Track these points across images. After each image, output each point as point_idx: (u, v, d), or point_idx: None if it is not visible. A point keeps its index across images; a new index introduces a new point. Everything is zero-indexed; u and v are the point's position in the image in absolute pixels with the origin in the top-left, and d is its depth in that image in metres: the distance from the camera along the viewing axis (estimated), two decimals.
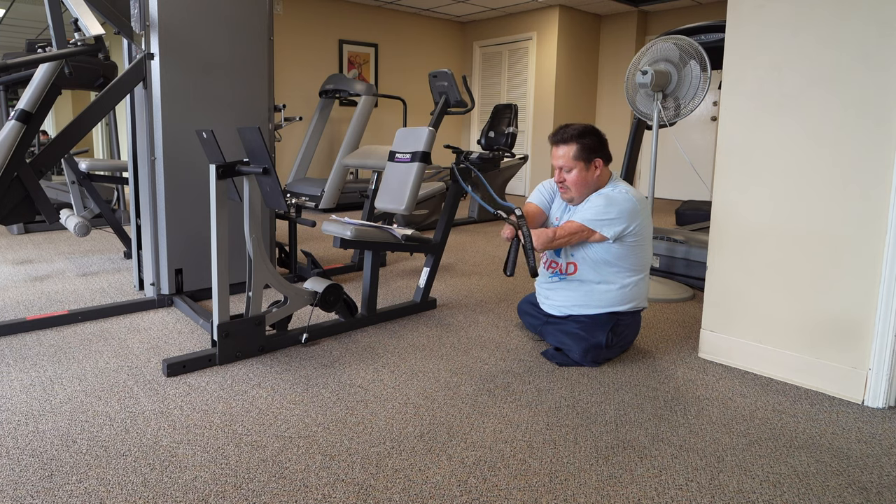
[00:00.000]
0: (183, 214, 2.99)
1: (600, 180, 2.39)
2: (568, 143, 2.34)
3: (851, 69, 2.00)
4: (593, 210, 2.30)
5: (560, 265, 2.49)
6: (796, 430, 1.86)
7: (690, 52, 3.08)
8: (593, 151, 2.34)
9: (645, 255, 2.39)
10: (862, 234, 2.01)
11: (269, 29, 3.18)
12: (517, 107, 6.25)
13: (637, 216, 2.29)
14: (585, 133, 2.35)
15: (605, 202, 2.29)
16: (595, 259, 2.36)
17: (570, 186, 2.38)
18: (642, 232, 2.32)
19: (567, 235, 2.30)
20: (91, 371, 2.23)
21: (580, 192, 2.38)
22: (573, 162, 2.34)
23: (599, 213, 2.28)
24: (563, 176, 2.38)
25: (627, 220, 2.27)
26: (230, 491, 1.51)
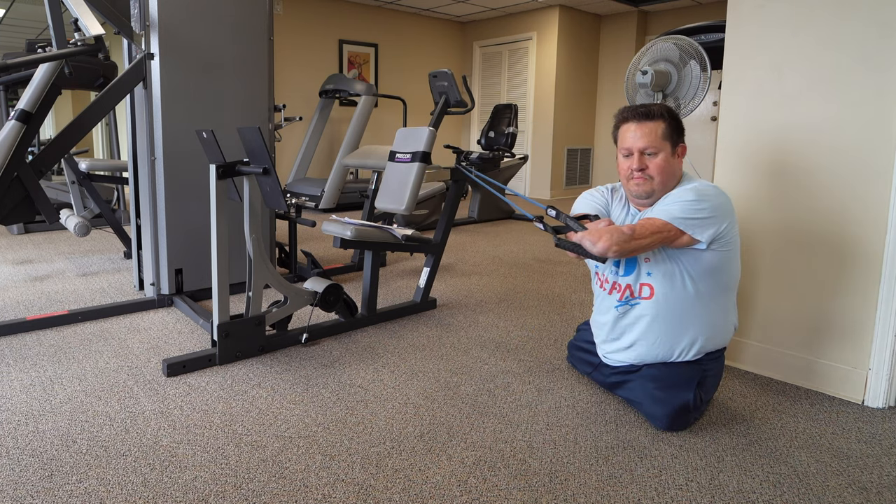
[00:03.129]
0: (183, 214, 2.99)
1: (680, 175, 1.91)
2: (656, 119, 1.84)
3: (851, 69, 2.00)
4: (680, 205, 1.76)
5: (630, 288, 1.92)
6: (796, 430, 1.86)
7: (690, 52, 3.08)
8: (681, 134, 1.88)
9: (736, 268, 1.89)
10: (862, 233, 2.01)
11: (269, 29, 3.18)
12: (517, 107, 6.25)
13: (731, 214, 1.81)
14: (672, 112, 1.87)
15: (696, 196, 1.76)
16: (681, 276, 1.84)
17: (653, 175, 1.84)
18: (734, 235, 1.84)
19: (650, 235, 1.73)
20: (91, 371, 2.23)
21: (664, 182, 1.85)
22: (661, 143, 1.82)
23: (689, 209, 1.75)
24: (644, 161, 1.84)
25: (722, 218, 1.78)
26: (230, 491, 1.51)
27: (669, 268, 1.84)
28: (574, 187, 8.32)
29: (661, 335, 1.89)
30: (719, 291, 1.87)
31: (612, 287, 1.98)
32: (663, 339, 1.89)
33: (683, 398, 1.81)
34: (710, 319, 1.88)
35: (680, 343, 1.89)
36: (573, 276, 3.82)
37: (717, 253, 1.81)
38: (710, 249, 1.80)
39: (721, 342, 1.93)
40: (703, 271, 1.83)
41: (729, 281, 1.88)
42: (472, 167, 3.95)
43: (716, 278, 1.85)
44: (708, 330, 1.88)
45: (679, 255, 1.83)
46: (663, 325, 1.88)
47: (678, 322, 1.87)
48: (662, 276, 1.86)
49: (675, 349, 1.90)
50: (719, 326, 1.90)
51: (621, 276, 1.94)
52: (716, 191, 1.81)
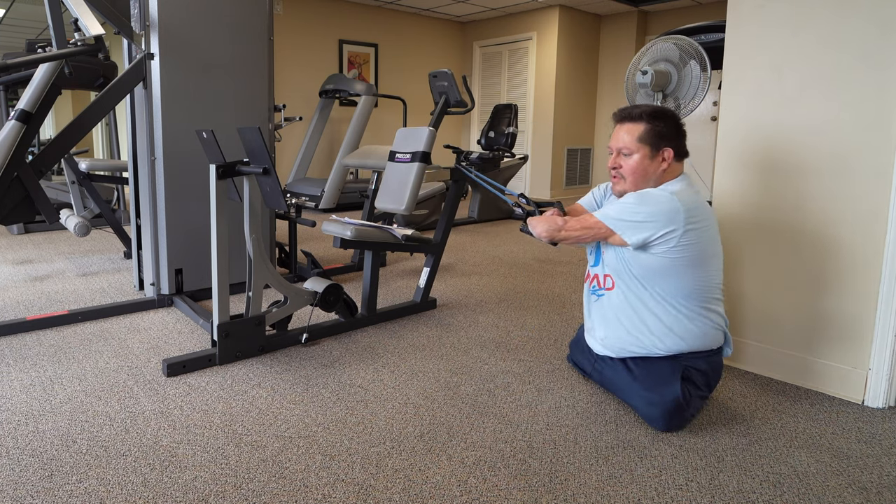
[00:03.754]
0: (183, 214, 2.99)
1: (665, 176, 1.90)
2: (635, 121, 1.89)
3: (851, 69, 2.00)
4: (619, 206, 1.86)
5: (597, 277, 2.03)
6: (796, 430, 1.86)
7: (690, 52, 3.08)
8: (664, 139, 1.88)
9: (697, 277, 1.85)
10: (862, 233, 2.01)
11: (269, 29, 3.18)
12: (517, 107, 6.25)
13: (674, 223, 1.78)
14: (660, 115, 1.89)
15: (638, 199, 1.83)
16: (627, 273, 1.91)
17: (625, 175, 1.90)
18: (687, 246, 1.80)
19: (579, 229, 1.89)
20: (91, 371, 2.23)
21: (636, 183, 1.90)
22: (636, 144, 1.87)
23: (625, 211, 1.83)
24: (619, 161, 1.91)
25: (659, 225, 1.78)
26: (230, 491, 1.51)
27: (616, 264, 1.94)
28: (574, 187, 8.31)
29: (624, 328, 1.94)
30: (681, 296, 1.86)
31: (587, 276, 2.11)
32: (627, 332, 1.94)
33: (672, 393, 1.82)
34: (674, 321, 1.87)
35: (647, 338, 1.90)
36: (573, 276, 3.82)
37: (661, 258, 1.82)
38: (650, 253, 1.82)
39: (698, 346, 1.89)
40: (646, 273, 1.86)
41: (690, 287, 1.85)
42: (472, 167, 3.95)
43: (668, 282, 1.84)
44: (672, 331, 1.87)
45: (623, 253, 1.90)
46: (623, 317, 1.94)
47: (636, 317, 1.92)
48: (614, 270, 1.95)
49: (644, 344, 1.91)
50: (691, 330, 1.87)
51: (592, 265, 2.08)
52: (665, 196, 1.80)
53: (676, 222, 1.78)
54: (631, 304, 1.92)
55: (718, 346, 1.94)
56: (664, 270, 1.83)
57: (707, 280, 1.87)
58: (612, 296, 1.97)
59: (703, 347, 1.90)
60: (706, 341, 1.89)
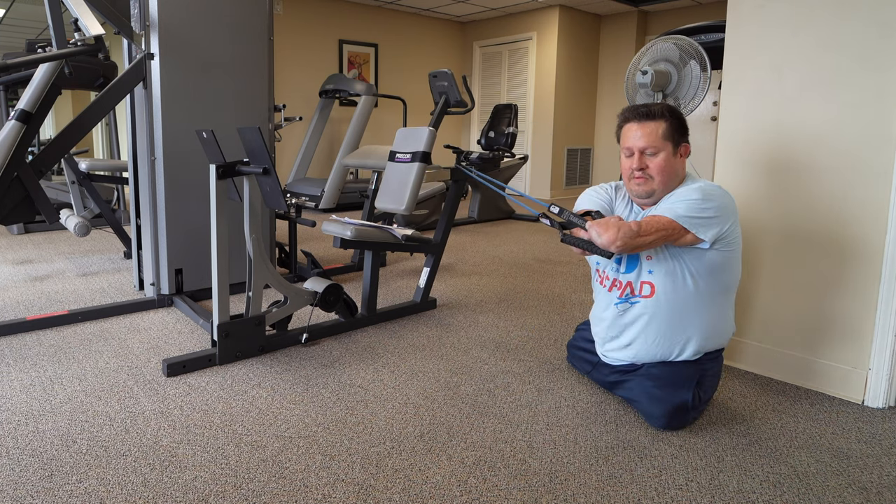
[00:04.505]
0: (183, 214, 2.99)
1: (682, 175, 1.90)
2: (657, 119, 1.84)
3: (851, 69, 2.00)
4: (685, 204, 1.76)
5: (630, 285, 1.92)
6: (796, 430, 1.86)
7: (690, 52, 3.08)
8: (683, 134, 1.87)
9: (737, 269, 1.90)
10: (862, 233, 2.01)
11: (269, 29, 3.18)
12: (517, 107, 6.25)
13: (734, 214, 1.82)
14: (675, 111, 1.86)
15: (701, 195, 1.76)
16: (682, 274, 1.83)
17: (653, 175, 1.84)
18: (737, 236, 1.84)
19: (655, 232, 1.73)
20: (91, 371, 2.23)
21: (665, 182, 1.84)
22: (662, 142, 1.82)
23: (694, 208, 1.75)
24: (644, 161, 1.84)
25: (726, 217, 1.78)
26: (230, 491, 1.51)
27: (671, 266, 1.84)
28: (574, 187, 8.31)
29: (659, 334, 1.89)
30: (719, 291, 1.88)
31: (613, 284, 1.97)
32: (662, 339, 1.89)
33: (682, 397, 1.81)
34: (708, 320, 1.88)
35: (678, 342, 1.89)
36: (573, 276, 3.82)
37: (720, 252, 1.81)
38: (713, 249, 1.80)
39: (720, 343, 1.94)
40: (704, 270, 1.83)
41: (729, 281, 1.89)
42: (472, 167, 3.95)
43: (717, 278, 1.85)
44: (707, 330, 1.88)
45: (682, 253, 1.83)
46: (662, 324, 1.88)
47: (677, 321, 1.87)
48: (664, 274, 1.85)
49: (673, 349, 1.90)
50: (718, 327, 1.90)
51: (623, 273, 1.94)
52: (720, 191, 1.81)
53: (735, 213, 1.83)
54: (674, 308, 1.86)
55: (725, 344, 1.98)
56: (723, 265, 1.84)
57: (739, 272, 1.93)
58: (649, 303, 1.88)
59: (723, 344, 1.95)
60: (726, 337, 1.96)
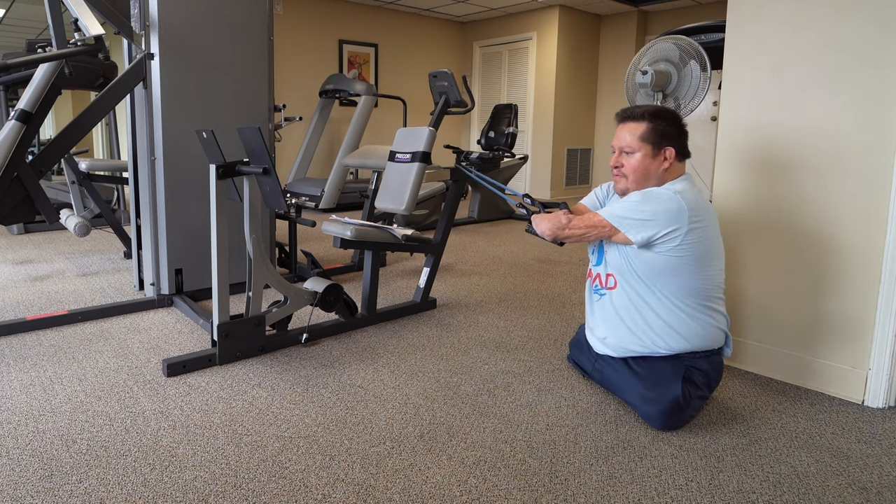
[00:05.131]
0: (183, 214, 2.99)
1: (667, 176, 1.92)
2: (638, 120, 1.92)
3: (851, 69, 2.00)
4: (624, 204, 1.87)
5: (599, 277, 2.04)
6: (796, 430, 1.86)
7: (690, 52, 3.08)
8: (666, 138, 1.90)
9: (699, 276, 1.86)
10: (862, 233, 2.01)
11: (269, 29, 3.18)
12: (517, 107, 6.25)
13: (678, 221, 1.79)
14: (662, 115, 1.91)
15: (642, 198, 1.84)
16: (630, 272, 1.92)
17: (626, 174, 1.93)
18: (691, 244, 1.81)
19: (584, 228, 1.90)
20: (91, 371, 2.23)
21: (638, 182, 1.92)
22: (638, 143, 1.90)
23: (629, 209, 1.84)
24: (621, 160, 1.94)
25: (664, 223, 1.79)
26: (230, 491, 1.51)
27: (619, 262, 1.94)
28: (574, 187, 8.31)
29: (627, 327, 1.94)
30: (684, 295, 1.87)
31: (589, 274, 2.11)
32: (630, 332, 1.94)
33: (672, 393, 1.82)
34: (674, 321, 1.88)
35: (648, 338, 1.91)
36: (573, 276, 3.82)
37: (665, 256, 1.83)
38: (655, 252, 1.83)
39: (699, 345, 1.90)
40: (650, 272, 1.86)
41: (692, 286, 1.86)
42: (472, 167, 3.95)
43: (671, 281, 1.85)
44: (674, 330, 1.88)
45: (626, 251, 1.91)
46: (626, 315, 1.94)
47: (638, 316, 1.92)
48: (617, 269, 1.95)
49: (646, 344, 1.92)
50: (694, 329, 1.88)
51: (593, 264, 2.08)
52: (668, 195, 1.82)
53: (680, 221, 1.80)
54: (633, 303, 1.92)
55: (719, 345, 1.95)
56: (668, 269, 1.84)
57: (709, 279, 1.88)
58: (614, 295, 1.97)
59: (704, 347, 1.91)
60: (708, 341, 1.90)
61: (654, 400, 1.84)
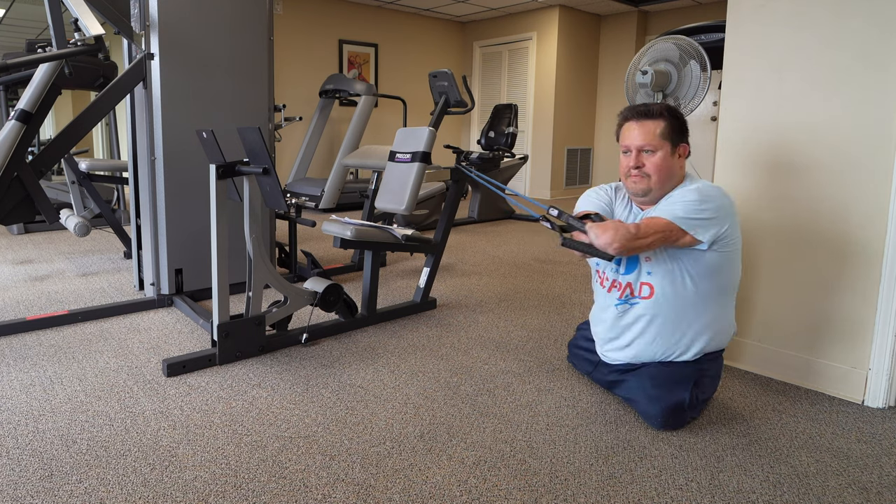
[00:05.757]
0: (183, 214, 2.99)
1: (680, 175, 1.90)
2: (655, 118, 1.85)
3: (852, 69, 2.00)
4: (683, 205, 1.77)
5: (630, 286, 1.92)
6: (796, 430, 1.86)
7: (690, 52, 3.08)
8: (682, 134, 1.88)
9: (736, 270, 1.90)
10: (862, 234, 2.01)
11: (269, 29, 3.18)
12: (517, 107, 6.25)
13: (733, 215, 1.82)
14: (675, 112, 1.87)
15: (699, 196, 1.77)
16: (681, 275, 1.83)
17: (650, 173, 1.84)
18: (736, 237, 1.84)
19: (653, 234, 1.74)
20: (91, 371, 2.23)
21: (662, 182, 1.85)
22: (659, 141, 1.83)
23: (692, 210, 1.75)
24: (641, 159, 1.85)
25: (724, 219, 1.78)
26: (230, 491, 1.51)
27: (670, 267, 1.85)
28: (574, 187, 8.31)
29: (658, 335, 1.89)
30: (719, 292, 1.88)
31: (612, 285, 1.97)
32: (661, 340, 1.90)
33: (679, 397, 1.82)
34: (708, 321, 1.88)
35: (678, 343, 1.89)
36: (573, 276, 3.82)
37: (719, 254, 1.81)
38: (712, 250, 1.80)
39: (719, 343, 1.93)
40: (703, 271, 1.83)
41: (729, 283, 1.89)
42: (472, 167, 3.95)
43: (716, 279, 1.85)
44: (706, 331, 1.88)
45: (680, 254, 1.83)
46: (661, 325, 1.88)
47: (676, 322, 1.88)
48: (663, 275, 1.86)
49: (673, 349, 1.90)
50: (718, 328, 1.90)
51: (622, 274, 1.94)
52: (718, 192, 1.82)
53: (734, 215, 1.83)
54: (674, 309, 1.86)
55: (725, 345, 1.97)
56: (722, 266, 1.84)
57: (739, 273, 1.93)
58: (649, 304, 1.89)
59: (722, 345, 1.95)
60: (726, 338, 1.95)
61: (658, 398, 1.83)
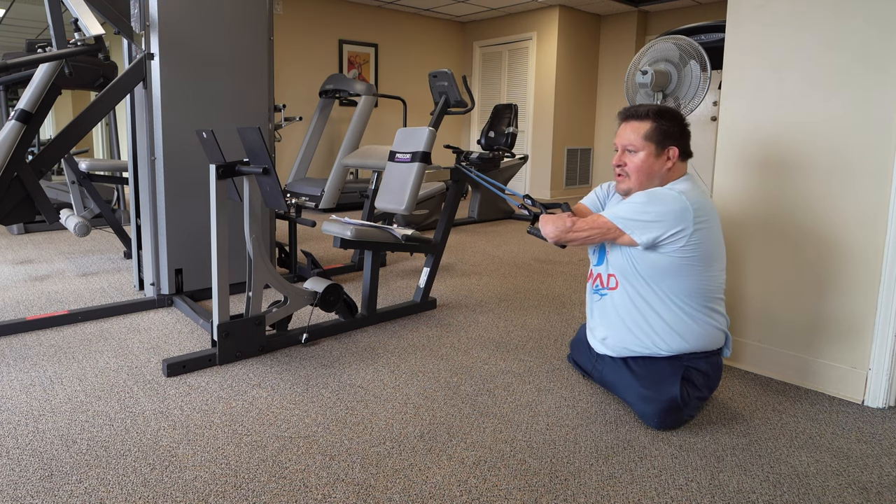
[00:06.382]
0: (183, 214, 2.99)
1: (670, 176, 1.91)
2: (642, 119, 1.89)
3: (851, 69, 2.00)
4: (627, 206, 1.85)
5: (601, 277, 2.03)
6: (796, 430, 1.86)
7: (690, 52, 3.08)
8: (669, 137, 1.89)
9: (703, 277, 1.85)
10: (862, 234, 2.01)
11: (269, 29, 3.18)
12: (517, 107, 6.25)
13: (683, 222, 1.78)
14: (666, 114, 1.90)
15: (646, 199, 1.82)
16: (633, 272, 1.90)
17: (629, 172, 1.91)
18: (696, 245, 1.81)
19: (588, 230, 1.87)
20: (91, 371, 2.23)
21: (640, 182, 1.90)
22: (642, 142, 1.88)
23: (634, 211, 1.82)
24: (624, 158, 1.91)
25: (669, 224, 1.78)
26: (230, 491, 1.51)
27: (622, 262, 1.92)
28: (574, 187, 8.31)
29: (627, 327, 1.94)
30: (684, 295, 1.86)
31: (591, 275, 2.10)
32: (629, 332, 1.93)
33: (670, 393, 1.82)
34: (674, 321, 1.87)
35: (647, 338, 1.90)
36: (573, 276, 3.82)
37: (667, 257, 1.82)
38: (659, 252, 1.82)
39: (700, 346, 1.90)
40: (653, 272, 1.85)
41: (695, 287, 1.86)
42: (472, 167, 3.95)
43: (674, 282, 1.85)
44: (675, 331, 1.87)
45: (630, 251, 1.89)
46: (627, 316, 1.94)
47: (639, 316, 1.91)
48: (619, 270, 1.94)
49: (645, 344, 1.91)
50: (694, 330, 1.88)
51: (594, 265, 2.07)
52: (672, 196, 1.81)
53: (685, 221, 1.79)
54: (635, 304, 1.91)
55: (719, 346, 1.94)
56: (672, 270, 1.84)
57: (711, 280, 1.88)
58: (615, 295, 1.96)
59: (704, 347, 1.90)
60: (708, 341, 1.90)
61: (651, 399, 1.84)
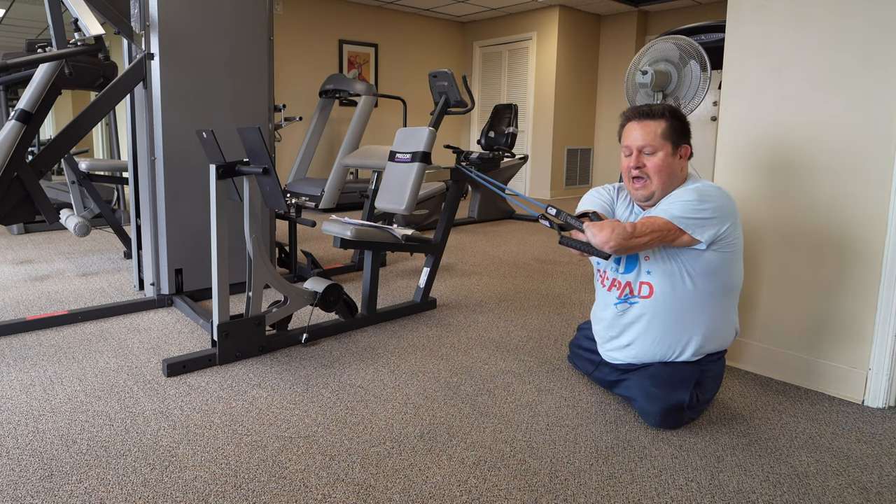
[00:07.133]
0: (183, 214, 2.99)
1: (682, 176, 1.89)
2: (657, 118, 1.84)
3: (852, 69, 2.00)
4: (681, 205, 1.76)
5: (630, 286, 1.92)
6: (796, 430, 1.86)
7: (690, 52, 3.08)
8: (684, 136, 1.87)
9: (738, 271, 1.88)
10: (862, 234, 2.01)
11: (269, 29, 3.18)
12: (517, 107, 6.25)
13: (733, 216, 1.80)
14: (678, 113, 1.87)
15: (698, 196, 1.76)
16: (681, 275, 1.83)
17: (650, 174, 1.84)
18: (737, 238, 1.82)
19: (649, 233, 1.73)
20: (91, 371, 2.23)
21: (663, 182, 1.84)
22: (660, 142, 1.83)
23: (691, 209, 1.75)
24: (642, 160, 1.84)
25: (724, 219, 1.77)
26: (230, 491, 1.51)
27: (669, 266, 1.84)
28: (574, 187, 8.31)
29: (659, 334, 1.89)
30: (720, 293, 1.87)
31: (612, 284, 1.98)
32: (661, 339, 1.89)
33: (678, 397, 1.81)
34: (709, 320, 1.87)
35: (678, 343, 1.88)
36: (573, 276, 3.82)
37: (718, 254, 1.80)
38: (711, 250, 1.80)
39: (721, 344, 1.92)
40: (703, 271, 1.82)
41: (730, 283, 1.87)
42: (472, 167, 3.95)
43: (716, 279, 1.84)
44: (707, 331, 1.87)
45: (679, 253, 1.83)
46: (662, 324, 1.88)
47: (677, 322, 1.87)
48: (662, 274, 1.85)
49: (673, 349, 1.89)
50: (719, 328, 1.89)
51: (621, 273, 1.95)
52: (718, 192, 1.81)
53: (735, 214, 1.81)
54: (673, 309, 1.86)
55: (729, 345, 1.97)
56: (723, 267, 1.83)
57: (741, 275, 1.91)
58: (648, 303, 1.88)
59: (721, 347, 1.93)
60: (726, 339, 1.93)
61: (657, 398, 1.82)
